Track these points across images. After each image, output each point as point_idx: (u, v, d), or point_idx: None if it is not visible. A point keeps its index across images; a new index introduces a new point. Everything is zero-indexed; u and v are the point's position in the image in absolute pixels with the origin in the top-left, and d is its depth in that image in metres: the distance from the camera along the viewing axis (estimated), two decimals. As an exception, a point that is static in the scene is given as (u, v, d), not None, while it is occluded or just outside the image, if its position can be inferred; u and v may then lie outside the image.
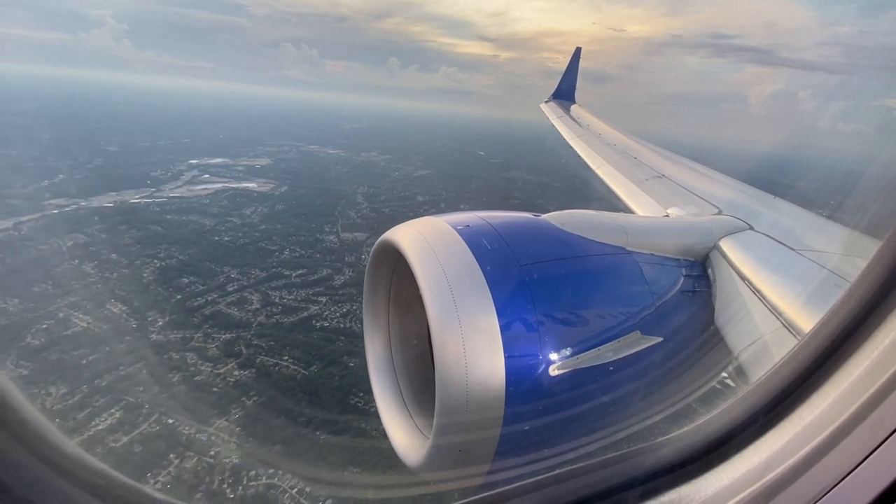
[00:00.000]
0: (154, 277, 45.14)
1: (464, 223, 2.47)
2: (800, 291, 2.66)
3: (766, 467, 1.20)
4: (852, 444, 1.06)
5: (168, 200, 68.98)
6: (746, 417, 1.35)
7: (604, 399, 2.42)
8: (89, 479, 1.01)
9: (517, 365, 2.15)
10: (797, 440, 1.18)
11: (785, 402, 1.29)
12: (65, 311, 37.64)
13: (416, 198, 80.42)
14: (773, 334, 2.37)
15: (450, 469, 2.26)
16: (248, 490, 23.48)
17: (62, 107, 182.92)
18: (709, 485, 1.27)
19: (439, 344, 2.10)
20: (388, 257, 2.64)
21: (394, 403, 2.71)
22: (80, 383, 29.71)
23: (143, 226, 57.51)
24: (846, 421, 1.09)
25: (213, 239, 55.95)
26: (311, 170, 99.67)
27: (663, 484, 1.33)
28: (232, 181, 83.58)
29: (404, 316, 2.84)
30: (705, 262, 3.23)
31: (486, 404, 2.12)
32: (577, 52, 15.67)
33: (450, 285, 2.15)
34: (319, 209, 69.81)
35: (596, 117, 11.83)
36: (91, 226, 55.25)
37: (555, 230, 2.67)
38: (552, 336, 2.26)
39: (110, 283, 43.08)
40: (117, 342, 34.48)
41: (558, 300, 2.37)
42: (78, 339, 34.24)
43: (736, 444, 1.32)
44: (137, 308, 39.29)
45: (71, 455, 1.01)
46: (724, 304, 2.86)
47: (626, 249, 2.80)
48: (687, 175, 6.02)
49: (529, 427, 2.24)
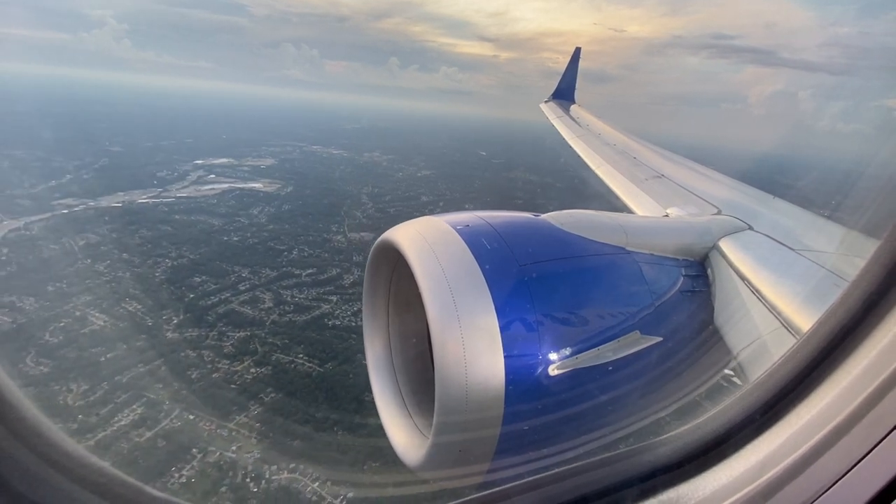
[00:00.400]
0: (166, 277, 45.14)
1: (463, 223, 2.46)
2: (799, 291, 2.67)
3: (764, 466, 1.20)
4: (850, 443, 1.07)
5: (176, 200, 68.87)
6: (745, 416, 1.35)
7: (603, 399, 2.42)
8: (89, 476, 1.00)
9: (516, 364, 2.15)
10: (795, 439, 1.18)
11: (783, 402, 1.30)
12: (81, 309, 37.44)
13: (421, 198, 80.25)
14: (772, 334, 2.37)
15: (449, 468, 2.25)
16: (272, 484, 23.80)
17: (64, 107, 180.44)
18: (707, 484, 1.27)
19: (439, 343, 2.10)
20: (387, 257, 2.63)
21: (393, 403, 2.72)
22: (100, 380, 29.89)
23: (153, 226, 57.40)
24: (844, 420, 1.10)
25: (222, 239, 55.78)
26: (315, 170, 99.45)
27: (662, 483, 1.33)
28: (238, 181, 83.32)
29: (404, 315, 2.83)
30: (704, 261, 3.23)
31: (485, 404, 2.12)
32: (577, 53, 15.58)
33: (449, 285, 2.15)
34: (325, 209, 69.91)
35: (595, 117, 11.80)
36: (101, 226, 55.27)
37: (554, 230, 2.67)
38: (551, 336, 2.26)
39: (124, 283, 43.14)
40: (134, 340, 34.69)
41: (558, 300, 2.37)
42: (95, 337, 34.46)
43: (734, 443, 1.32)
44: (152, 307, 39.21)
45: (70, 452, 1.01)
46: (723, 304, 2.85)
47: (626, 249, 2.80)
48: (686, 175, 6.00)
49: (529, 426, 2.25)
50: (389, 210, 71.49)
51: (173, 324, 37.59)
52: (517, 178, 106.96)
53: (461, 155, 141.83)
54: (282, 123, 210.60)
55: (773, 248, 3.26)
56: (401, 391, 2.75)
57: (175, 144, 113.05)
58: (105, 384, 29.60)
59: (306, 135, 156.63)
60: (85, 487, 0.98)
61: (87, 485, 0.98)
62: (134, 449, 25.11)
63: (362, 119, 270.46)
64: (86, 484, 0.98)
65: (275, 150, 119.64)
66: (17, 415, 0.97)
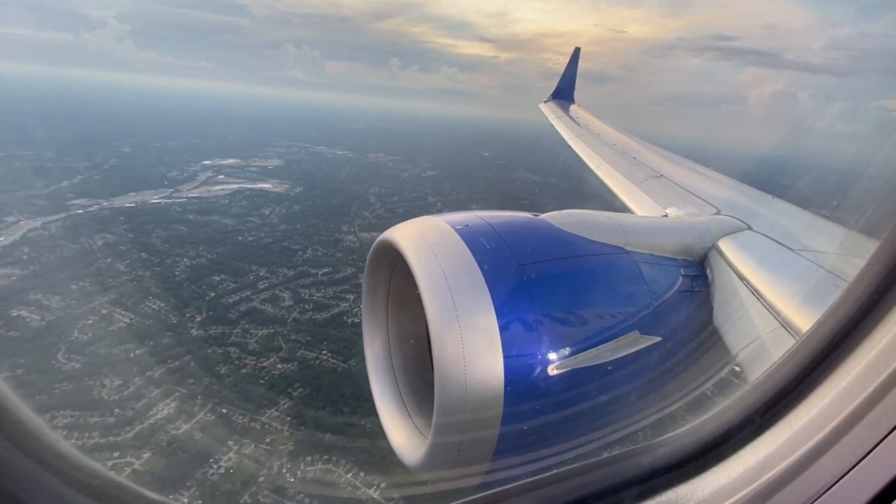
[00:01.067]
0: (186, 276, 45.65)
1: (463, 223, 2.44)
2: (798, 291, 2.63)
3: (763, 467, 1.19)
4: (850, 444, 1.05)
5: (188, 201, 68.97)
6: (744, 417, 1.34)
7: (602, 399, 2.40)
8: (83, 479, 0.98)
9: (516, 364, 2.12)
10: (795, 440, 1.17)
11: (783, 402, 1.28)
12: (106, 307, 38.35)
13: (428, 198, 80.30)
14: (770, 334, 2.35)
15: (448, 468, 2.23)
16: (307, 474, 24.38)
17: (70, 107, 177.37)
18: (706, 484, 1.26)
19: (438, 343, 2.08)
20: (387, 256, 2.61)
21: (392, 403, 2.68)
22: (132, 375, 30.58)
23: (168, 226, 57.71)
24: (844, 420, 1.08)
25: (237, 238, 56.13)
26: (322, 171, 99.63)
27: (661, 484, 1.31)
28: (247, 182, 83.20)
29: (403, 315, 2.80)
30: (704, 261, 3.19)
31: (484, 404, 2.09)
32: (576, 53, 15.39)
33: (449, 285, 2.13)
34: (335, 210, 70.19)
35: (595, 117, 11.72)
36: (117, 226, 55.53)
37: (554, 230, 2.65)
38: (551, 335, 2.23)
39: (145, 281, 43.60)
40: (160, 337, 35.50)
41: (557, 300, 2.34)
42: (123, 335, 35.08)
43: (733, 444, 1.30)
44: (175, 304, 39.96)
45: (65, 454, 0.98)
46: (722, 304, 2.82)
47: (625, 249, 2.77)
48: (686, 175, 5.94)
49: (528, 426, 2.22)
50: (398, 210, 71.52)
51: (197, 321, 38.18)
52: (521, 178, 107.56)
53: (465, 156, 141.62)
54: (284, 124, 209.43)
55: (771, 248, 3.24)
56: (400, 391, 2.73)
57: (182, 145, 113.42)
58: (137, 379, 30.22)
59: (310, 135, 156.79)
60: (80, 490, 0.96)
61: (82, 488, 0.97)
62: (172, 441, 25.77)
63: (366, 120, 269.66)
64: (81, 487, 0.97)
65: (280, 150, 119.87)
66: (11, 417, 0.95)
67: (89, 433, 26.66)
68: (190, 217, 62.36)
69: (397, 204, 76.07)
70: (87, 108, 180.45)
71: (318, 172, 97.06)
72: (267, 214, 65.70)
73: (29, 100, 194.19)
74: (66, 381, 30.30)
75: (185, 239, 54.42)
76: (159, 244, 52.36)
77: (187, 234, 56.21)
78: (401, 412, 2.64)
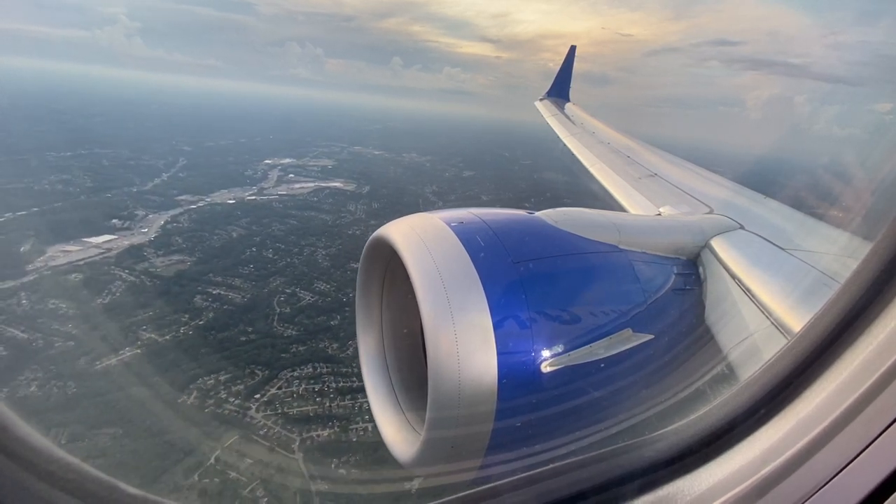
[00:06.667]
0: (330, 263, 45.74)
1: (457, 220, 2.36)
2: (789, 291, 2.51)
3: (760, 462, 1.14)
4: (847, 439, 1.03)
5: (279, 198, 66.57)
6: (743, 411, 1.28)
7: (595, 395, 2.30)
8: (58, 473, 0.90)
9: (509, 361, 2.06)
10: (792, 435, 1.12)
11: (781, 397, 1.23)
12: (283, 288, 40.08)
13: (481, 197, 78.74)
14: (761, 332, 2.25)
15: (441, 464, 2.17)
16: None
17: (105, 105, 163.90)
18: (703, 480, 1.21)
19: (432, 340, 2.00)
20: (381, 253, 2.51)
21: (386, 399, 2.64)
22: (348, 339, 32.06)
23: (281, 220, 56.30)
24: (841, 416, 1.05)
25: (346, 232, 54.89)
26: (372, 170, 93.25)
27: (655, 479, 1.25)
28: (320, 180, 79.53)
29: (397, 312, 2.74)
30: (696, 260, 3.05)
31: (478, 399, 2.02)
32: (572, 51, 14.96)
33: (443, 282, 2.07)
34: (408, 207, 66.34)
35: (589, 115, 11.39)
36: (237, 219, 54.72)
37: (548, 228, 2.56)
38: (544, 333, 2.16)
39: (298, 267, 44.02)
40: (346, 312, 35.73)
41: (551, 297, 2.26)
42: (317, 308, 37.97)
43: (729, 440, 1.25)
44: (338, 286, 40.64)
45: (38, 448, 0.90)
46: (714, 302, 2.70)
47: (619, 247, 2.67)
48: (680, 174, 5.72)
49: (521, 422, 2.15)
50: (464, 208, 76.57)
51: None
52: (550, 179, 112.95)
53: (489, 156, 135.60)
54: (310, 123, 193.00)
55: (764, 248, 3.10)
56: (393, 387, 2.69)
57: (232, 144, 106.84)
58: (350, 342, 31.19)
59: (338, 135, 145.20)
60: (53, 485, 0.87)
61: (56, 482, 0.88)
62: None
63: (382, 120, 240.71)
64: (54, 481, 0.88)
65: (325, 150, 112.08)
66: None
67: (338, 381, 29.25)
68: (293, 212, 60.33)
69: (457, 203, 78.14)
70: (123, 107, 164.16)
71: (370, 172, 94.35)
72: (353, 211, 64.07)
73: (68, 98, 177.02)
74: (294, 344, 32.85)
75: (303, 231, 53.62)
76: (284, 236, 51.89)
77: (301, 227, 55.05)
78: (394, 408, 2.61)
